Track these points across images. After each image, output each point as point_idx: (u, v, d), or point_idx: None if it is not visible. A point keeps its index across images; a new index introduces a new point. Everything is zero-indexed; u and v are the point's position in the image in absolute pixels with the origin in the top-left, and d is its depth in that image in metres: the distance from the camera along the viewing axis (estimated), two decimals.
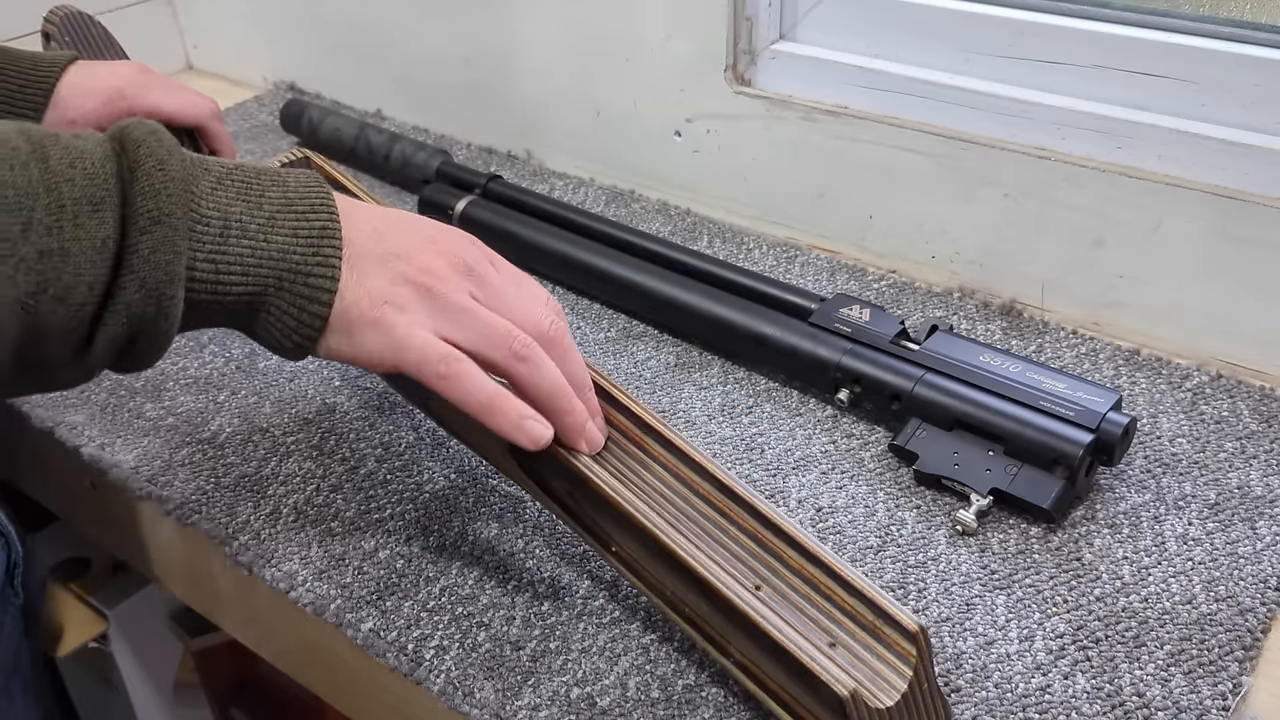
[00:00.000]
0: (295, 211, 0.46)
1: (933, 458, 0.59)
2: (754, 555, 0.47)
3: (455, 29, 0.95)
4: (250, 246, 0.45)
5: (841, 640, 0.44)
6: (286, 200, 0.47)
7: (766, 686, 0.45)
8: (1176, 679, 0.48)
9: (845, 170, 0.78)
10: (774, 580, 0.46)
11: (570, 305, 0.76)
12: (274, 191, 0.47)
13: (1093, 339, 0.70)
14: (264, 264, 0.45)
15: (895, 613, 0.43)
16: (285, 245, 0.46)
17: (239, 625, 0.64)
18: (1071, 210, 0.70)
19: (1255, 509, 0.57)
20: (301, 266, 0.46)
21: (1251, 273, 0.65)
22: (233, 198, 0.45)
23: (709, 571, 0.45)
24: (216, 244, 0.44)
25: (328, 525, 0.58)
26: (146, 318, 0.43)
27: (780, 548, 0.47)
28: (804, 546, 0.46)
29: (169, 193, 0.43)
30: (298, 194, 0.47)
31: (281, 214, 0.46)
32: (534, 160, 0.96)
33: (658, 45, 0.82)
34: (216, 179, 0.46)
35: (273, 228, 0.46)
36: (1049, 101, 0.70)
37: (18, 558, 0.68)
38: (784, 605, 0.45)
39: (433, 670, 0.50)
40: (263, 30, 1.11)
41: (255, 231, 0.45)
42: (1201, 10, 0.68)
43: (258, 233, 0.45)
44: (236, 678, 0.97)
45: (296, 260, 0.46)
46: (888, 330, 0.64)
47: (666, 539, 0.47)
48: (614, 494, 0.48)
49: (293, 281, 0.46)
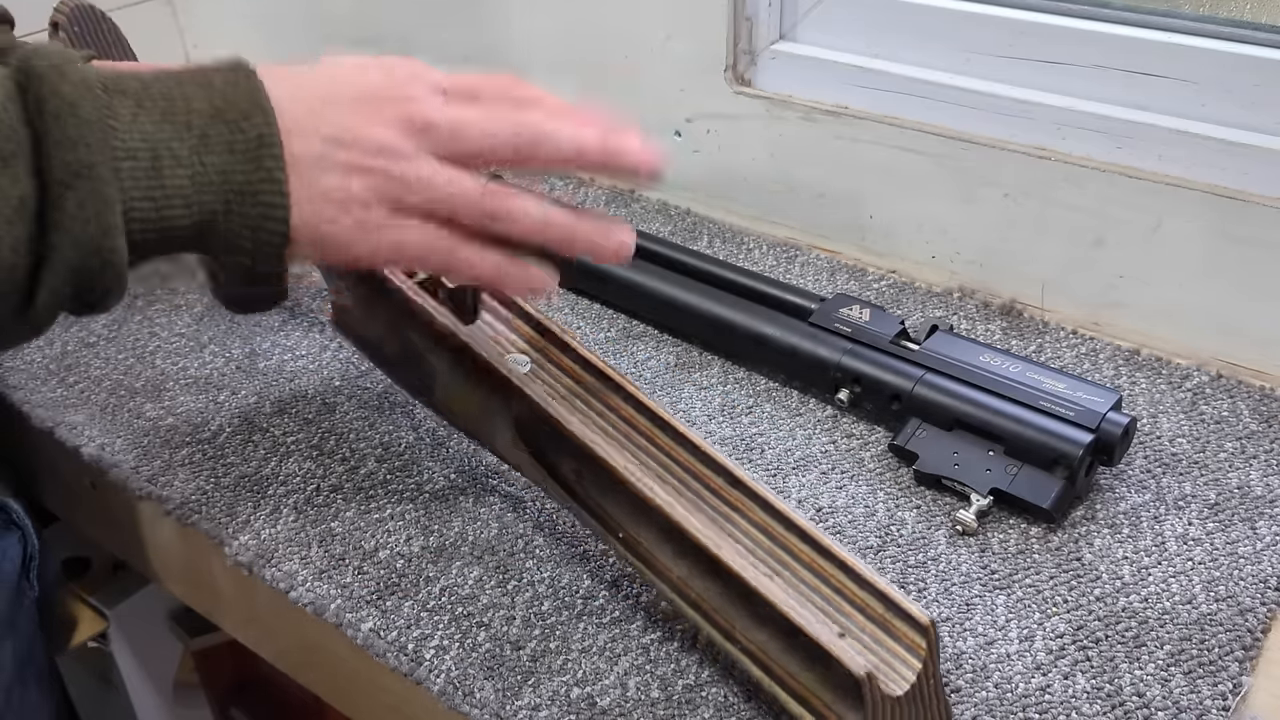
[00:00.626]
0: (226, 120, 0.42)
1: (933, 458, 0.59)
2: (764, 547, 0.47)
3: (455, 29, 0.95)
4: (187, 175, 0.42)
5: (851, 631, 0.44)
6: (215, 109, 0.42)
7: (775, 673, 0.45)
8: (1176, 679, 0.48)
9: (845, 170, 0.78)
10: (784, 571, 0.46)
11: (570, 305, 0.76)
12: (200, 101, 0.42)
13: (1093, 339, 0.70)
14: (205, 190, 0.42)
15: (906, 605, 0.43)
16: (223, 164, 0.42)
17: (239, 625, 0.64)
18: (1071, 210, 0.70)
19: (1255, 509, 0.57)
20: (246, 187, 0.43)
21: (1251, 273, 0.65)
22: (158, 120, 0.41)
23: (721, 551, 0.45)
24: (150, 177, 0.41)
25: (328, 525, 0.58)
26: (90, 271, 0.40)
27: (790, 540, 0.47)
28: (814, 538, 0.46)
29: (86, 141, 0.39)
30: (225, 98, 0.43)
31: (213, 128, 0.42)
32: None
33: (658, 45, 0.82)
34: (136, 102, 0.41)
35: (206, 146, 0.42)
36: (1049, 101, 0.70)
37: (34, 550, 0.68)
38: (794, 594, 0.45)
39: (433, 670, 0.50)
40: (263, 30, 1.11)
41: (187, 157, 0.42)
42: (1201, 10, 0.68)
43: (190, 157, 0.42)
44: (236, 678, 0.97)
45: (240, 180, 0.42)
46: (888, 330, 0.64)
47: (678, 517, 0.47)
48: (625, 473, 0.48)
49: (240, 203, 0.43)
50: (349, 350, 0.72)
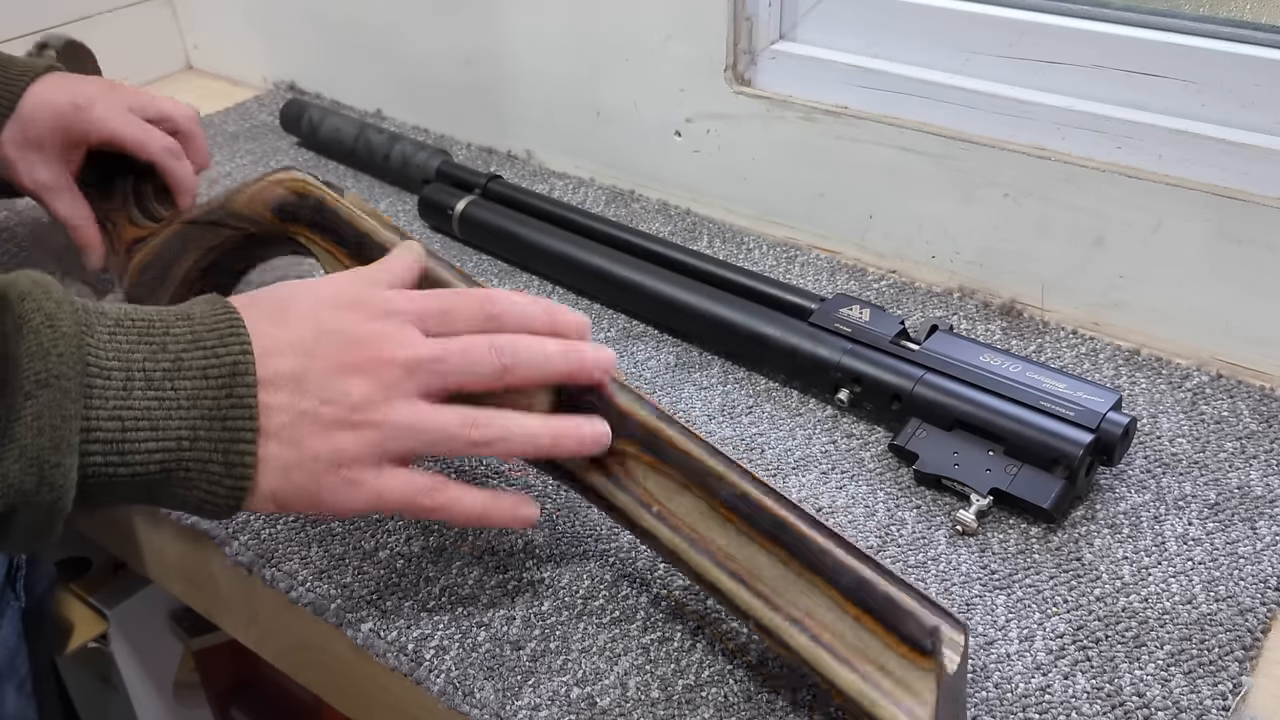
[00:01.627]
0: (204, 348, 0.42)
1: (933, 458, 0.59)
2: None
3: (455, 29, 0.95)
4: (156, 397, 0.41)
5: None
6: (194, 336, 0.42)
7: (822, 639, 0.45)
8: (1176, 679, 0.48)
9: (845, 170, 0.78)
10: None
11: (570, 305, 0.76)
12: (179, 327, 0.43)
13: (1093, 339, 0.70)
14: (173, 416, 0.41)
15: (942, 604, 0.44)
16: (195, 389, 0.41)
17: (239, 625, 0.64)
18: (1071, 210, 0.70)
19: (1255, 509, 0.57)
20: (216, 411, 0.42)
21: (1251, 273, 0.65)
22: (134, 342, 0.41)
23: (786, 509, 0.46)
24: (120, 398, 0.40)
25: (328, 525, 0.58)
26: (25, 490, 0.38)
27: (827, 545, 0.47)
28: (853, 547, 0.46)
29: (58, 351, 0.39)
30: (205, 325, 0.43)
31: (189, 353, 0.42)
32: (534, 160, 0.96)
33: (658, 45, 0.82)
34: (114, 322, 0.42)
35: (179, 371, 0.41)
36: (1049, 101, 0.70)
37: (20, 560, 0.67)
38: None
39: (433, 670, 0.50)
40: (263, 30, 1.11)
41: (160, 379, 0.41)
42: (1201, 10, 0.68)
43: (162, 380, 0.41)
44: (236, 678, 0.97)
45: (209, 405, 0.42)
46: (888, 330, 0.64)
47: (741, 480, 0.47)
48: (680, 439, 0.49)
49: (209, 429, 0.42)
50: None
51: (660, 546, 0.49)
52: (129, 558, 0.71)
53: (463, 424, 0.46)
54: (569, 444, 0.48)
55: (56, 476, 0.38)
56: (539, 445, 0.47)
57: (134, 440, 0.40)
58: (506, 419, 0.47)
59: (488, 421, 0.46)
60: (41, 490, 0.38)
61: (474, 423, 0.46)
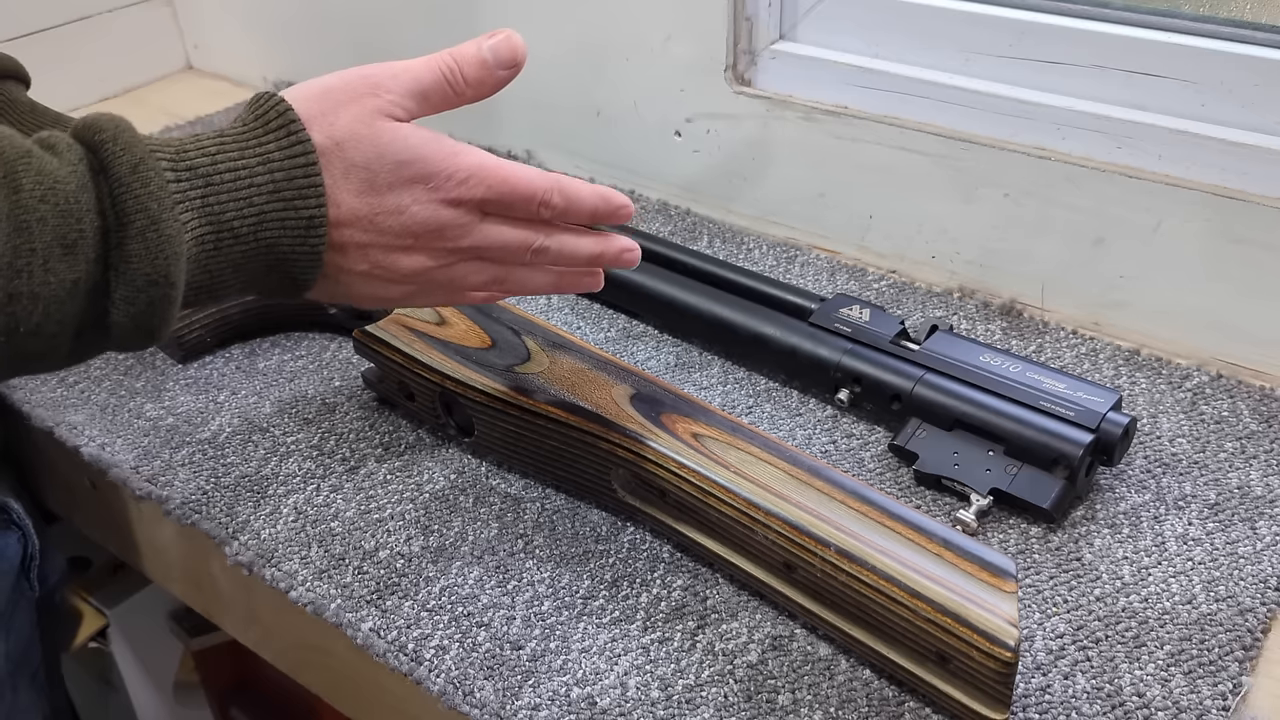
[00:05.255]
0: (283, 199, 0.44)
1: (933, 458, 0.59)
2: None
3: (455, 29, 0.95)
4: (243, 251, 0.44)
5: None
6: (274, 187, 0.44)
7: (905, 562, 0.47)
8: (1176, 679, 0.48)
9: (845, 170, 0.78)
10: None
11: (570, 305, 0.76)
12: (262, 175, 0.44)
13: (1093, 339, 0.70)
14: (253, 260, 0.45)
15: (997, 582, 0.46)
16: (273, 238, 0.44)
17: (239, 625, 0.64)
18: (1071, 210, 0.70)
19: (1255, 509, 0.57)
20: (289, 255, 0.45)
21: (1251, 273, 0.65)
22: (224, 202, 0.43)
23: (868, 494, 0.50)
24: (210, 256, 0.43)
25: (328, 525, 0.58)
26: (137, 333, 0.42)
27: None
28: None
29: (165, 254, 0.40)
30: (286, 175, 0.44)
31: (271, 204, 0.44)
32: (534, 160, 0.96)
33: (658, 45, 0.82)
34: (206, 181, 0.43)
35: (262, 224, 0.44)
36: (1049, 101, 0.70)
37: (34, 550, 0.67)
38: None
39: (433, 670, 0.50)
40: (263, 30, 1.11)
41: (246, 234, 0.44)
42: (1201, 10, 0.68)
43: (249, 234, 0.44)
44: (236, 678, 0.97)
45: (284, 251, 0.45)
46: (888, 330, 0.64)
47: None
48: None
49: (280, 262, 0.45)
50: (348, 350, 0.72)
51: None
52: (129, 558, 0.71)
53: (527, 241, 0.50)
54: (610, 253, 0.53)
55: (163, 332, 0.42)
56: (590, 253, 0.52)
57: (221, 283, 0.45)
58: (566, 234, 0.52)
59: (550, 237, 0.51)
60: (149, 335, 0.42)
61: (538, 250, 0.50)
